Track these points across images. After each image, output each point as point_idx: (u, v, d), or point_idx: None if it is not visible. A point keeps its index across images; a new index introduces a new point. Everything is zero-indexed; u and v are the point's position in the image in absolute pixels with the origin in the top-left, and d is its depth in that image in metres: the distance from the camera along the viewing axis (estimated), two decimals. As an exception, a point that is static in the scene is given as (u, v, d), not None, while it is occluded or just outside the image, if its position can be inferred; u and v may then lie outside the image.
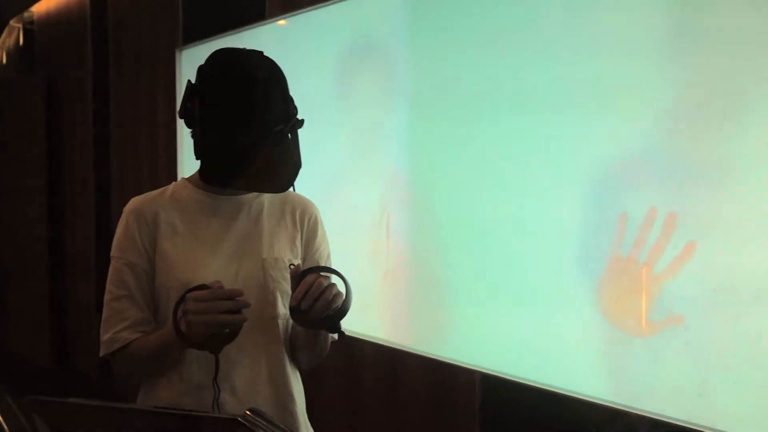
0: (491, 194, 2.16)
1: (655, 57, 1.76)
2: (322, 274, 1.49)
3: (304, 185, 1.69)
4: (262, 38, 3.12)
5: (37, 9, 6.22)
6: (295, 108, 1.59)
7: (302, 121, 1.59)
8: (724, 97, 1.62)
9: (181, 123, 3.65)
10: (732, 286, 1.63)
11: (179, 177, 3.68)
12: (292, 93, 1.61)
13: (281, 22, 3.06)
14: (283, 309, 1.60)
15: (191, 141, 1.62)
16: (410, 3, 2.46)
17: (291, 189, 1.63)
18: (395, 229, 2.50)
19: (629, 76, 1.81)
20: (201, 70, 1.57)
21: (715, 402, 1.66)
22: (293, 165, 1.57)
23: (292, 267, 1.52)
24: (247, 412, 1.14)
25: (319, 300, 1.44)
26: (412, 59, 2.45)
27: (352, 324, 1.62)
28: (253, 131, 1.50)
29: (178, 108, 1.61)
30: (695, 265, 1.68)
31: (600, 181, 1.87)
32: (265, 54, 1.59)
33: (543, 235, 2.02)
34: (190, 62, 3.68)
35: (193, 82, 1.57)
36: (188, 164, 3.61)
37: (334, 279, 1.53)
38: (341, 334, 1.52)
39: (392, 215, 2.51)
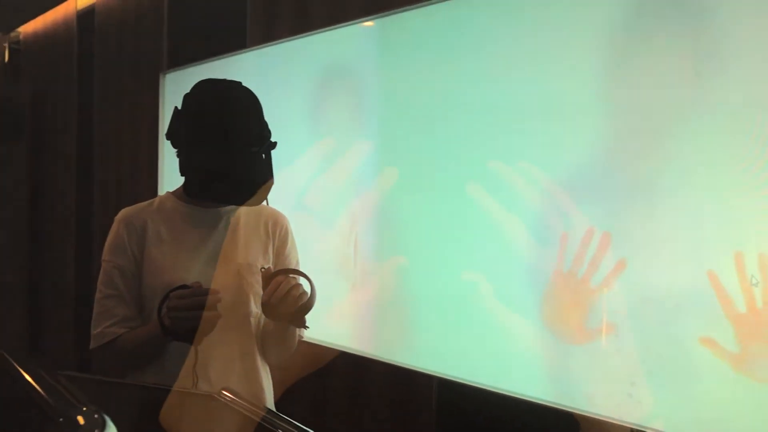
0: (450, 215, 2.27)
1: (593, 89, 1.89)
2: (290, 275, 1.66)
3: (277, 200, 1.84)
4: (243, 65, 3.25)
5: (24, 29, 6.31)
6: (269, 131, 1.75)
7: (275, 143, 1.75)
8: (651, 129, 1.76)
9: (162, 142, 3.79)
10: (657, 298, 1.74)
11: (161, 191, 3.80)
12: (267, 117, 1.75)
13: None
14: (255, 308, 1.75)
15: (172, 159, 1.79)
16: (381, 35, 2.58)
17: (265, 203, 1.80)
18: (362, 244, 2.61)
19: (571, 104, 1.93)
20: (186, 97, 1.71)
21: (641, 402, 1.78)
22: (267, 182, 1.73)
23: (263, 269, 1.69)
24: (223, 391, 1.31)
25: (287, 296, 1.61)
26: (381, 86, 2.56)
27: (320, 334, 1.75)
28: (231, 152, 1.65)
29: (161, 129, 1.78)
30: (626, 279, 1.80)
31: (545, 205, 2.00)
32: (243, 84, 1.74)
33: (496, 254, 2.13)
34: (173, 85, 3.78)
35: (179, 107, 1.74)
36: (168, 180, 3.69)
37: (301, 281, 1.69)
38: (306, 328, 1.70)
39: (360, 232, 2.62)
